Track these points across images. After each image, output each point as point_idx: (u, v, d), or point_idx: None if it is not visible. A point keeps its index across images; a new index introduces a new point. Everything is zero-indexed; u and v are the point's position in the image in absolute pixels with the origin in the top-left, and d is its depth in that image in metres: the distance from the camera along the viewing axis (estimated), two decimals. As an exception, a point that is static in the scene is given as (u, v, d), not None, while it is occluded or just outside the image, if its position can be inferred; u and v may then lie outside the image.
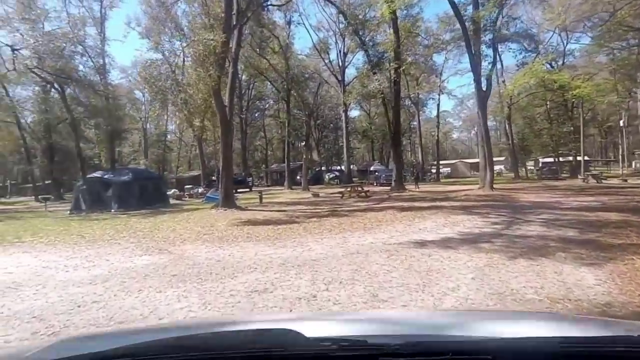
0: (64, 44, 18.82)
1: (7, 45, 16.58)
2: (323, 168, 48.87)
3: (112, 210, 16.87)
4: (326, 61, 36.58)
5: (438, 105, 42.62)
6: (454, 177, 44.11)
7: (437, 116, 43.77)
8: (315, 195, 22.29)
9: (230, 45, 14.87)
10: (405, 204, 15.00)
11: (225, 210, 14.55)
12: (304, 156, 31.10)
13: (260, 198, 18.73)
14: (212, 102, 15.29)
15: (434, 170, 44.40)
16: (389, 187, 24.14)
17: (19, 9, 19.74)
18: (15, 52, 15.12)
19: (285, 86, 30.40)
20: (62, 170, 33.53)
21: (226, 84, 15.58)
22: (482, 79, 19.67)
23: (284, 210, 14.78)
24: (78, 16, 24.01)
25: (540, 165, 38.19)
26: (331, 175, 48.12)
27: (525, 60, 24.42)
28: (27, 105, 32.16)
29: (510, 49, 25.55)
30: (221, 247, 7.93)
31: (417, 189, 22.99)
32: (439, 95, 41.80)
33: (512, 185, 23.45)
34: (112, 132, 27.31)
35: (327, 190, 26.88)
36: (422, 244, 7.28)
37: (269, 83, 37.55)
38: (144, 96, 51.08)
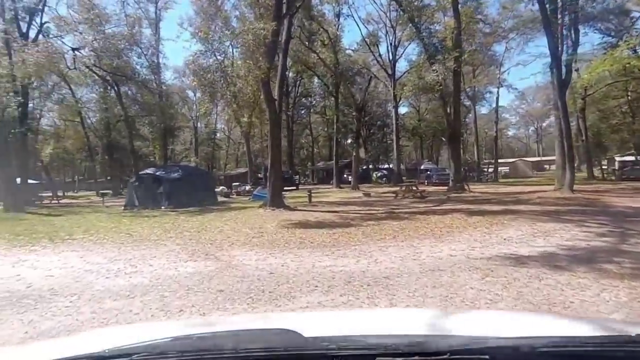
0: (121, 44, 19.16)
1: (70, 47, 17.05)
2: (370, 166, 47.31)
3: (162, 207, 16.81)
4: (376, 55, 35.05)
5: (497, 98, 39.40)
6: (513, 177, 40.58)
7: (496, 111, 40.49)
8: (367, 194, 21.03)
9: (280, 37, 14.10)
10: (473, 207, 13.31)
11: (274, 210, 13.78)
12: (354, 153, 29.86)
13: (309, 197, 17.84)
14: (261, 95, 14.62)
15: (489, 170, 41.21)
16: (445, 187, 22.30)
17: (83, 12, 20.59)
18: (76, 51, 15.45)
19: (334, 81, 29.35)
20: (120, 167, 35.05)
21: (275, 77, 14.82)
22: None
23: (336, 211, 13.72)
24: (135, 17, 24.64)
25: (619, 164, 33.84)
26: (379, 174, 46.49)
27: (608, 45, 21.31)
28: (90, 105, 34.00)
29: (595, 29, 22.39)
30: (272, 254, 7.02)
31: (469, 190, 20.92)
32: (498, 88, 38.58)
33: (592, 187, 20.58)
34: (164, 130, 27.89)
35: (377, 190, 25.49)
36: (518, 260, 5.84)
37: (317, 79, 36.77)
38: (194, 95, 52.88)
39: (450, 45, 19.87)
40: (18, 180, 21.54)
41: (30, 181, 28.92)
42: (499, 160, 44.13)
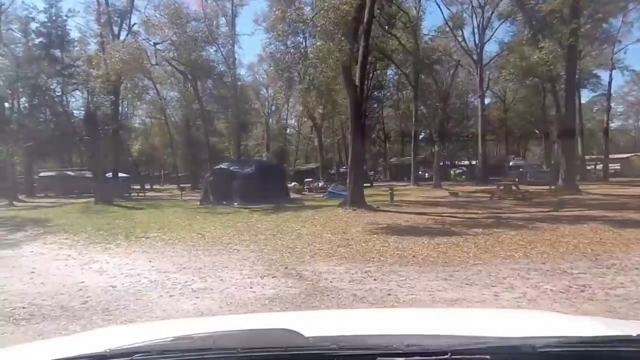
0: (199, 37, 19.15)
1: (152, 43, 17.33)
2: (446, 162, 43.59)
3: (235, 204, 16.28)
4: (459, 39, 31.61)
5: (609, 82, 33.31)
6: (626, 176, 34.02)
7: (608, 98, 34.32)
8: (453, 193, 18.53)
9: (362, 16, 12.47)
10: (610, 214, 10.41)
11: (355, 210, 12.25)
12: (436, 148, 27.16)
13: (391, 196, 16.01)
14: (338, 83, 13.18)
15: (597, 167, 35.20)
16: (542, 188, 18.82)
17: (166, 12, 21.23)
18: (157, 45, 15.55)
19: (414, 69, 26.91)
20: (198, 162, 36.40)
21: (355, 62, 13.21)
22: None
23: (427, 214, 11.76)
24: (212, 13, 24.87)
25: None
26: (457, 171, 42.66)
27: None
28: (172, 103, 35.82)
29: None
30: (368, 272, 5.45)
31: (582, 192, 17.23)
32: (611, 70, 32.56)
33: None
34: (239, 125, 28.02)
35: (461, 188, 22.63)
36: None
37: (390, 70, 34.42)
38: (267, 92, 53.68)
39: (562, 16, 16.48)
40: (109, 174, 22.98)
41: (121, 175, 31.36)
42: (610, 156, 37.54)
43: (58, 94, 31.69)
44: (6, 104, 29.21)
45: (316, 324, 1.38)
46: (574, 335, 1.04)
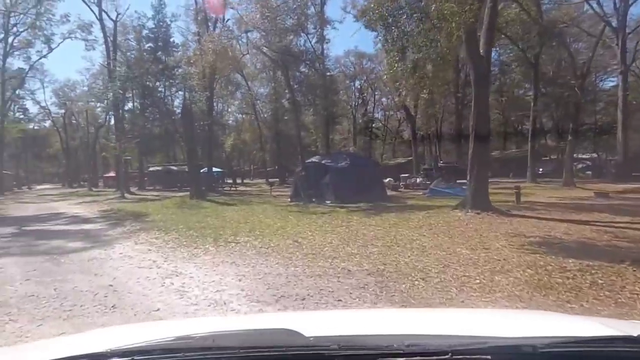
0: (289, 26, 18.10)
1: (244, 31, 16.69)
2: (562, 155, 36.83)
3: (328, 202, 14.76)
4: (593, 4, 25.71)
5: None
6: None
7: None
8: (602, 194, 14.44)
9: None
10: None
11: (479, 214, 9.69)
12: (569, 138, 22.42)
13: (518, 196, 12.90)
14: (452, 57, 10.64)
15: None
16: None
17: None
18: (247, 33, 14.80)
19: (540, 42, 22.47)
20: (286, 156, 36.27)
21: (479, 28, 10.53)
22: None
23: (584, 222, 8.67)
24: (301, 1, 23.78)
25: None
26: (580, 165, 35.84)
27: None
28: (261, 98, 36.18)
29: None
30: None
31: None
32: None
33: None
34: (327, 117, 26.72)
35: (599, 186, 17.92)
36: None
37: (499, 48, 29.78)
38: (354, 84, 51.93)
39: None
40: (204, 169, 23.53)
41: (215, 169, 32.65)
42: None
43: (163, 94, 34.28)
44: (125, 107, 32.44)
45: (316, 324, 1.39)
46: (575, 336, 1.02)
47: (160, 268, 5.81)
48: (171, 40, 36.63)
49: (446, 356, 0.84)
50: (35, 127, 53.50)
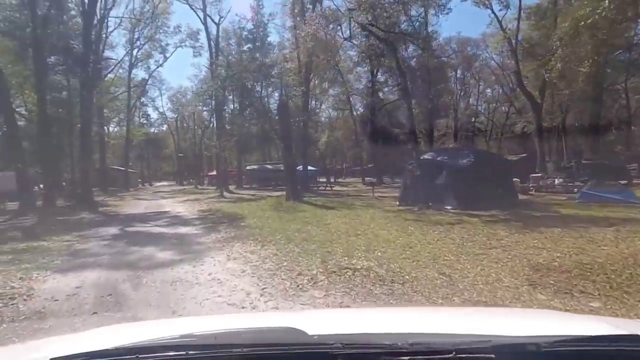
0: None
1: (347, 9, 14.82)
2: None
3: (449, 207, 12.00)
4: None
5: None
6: None
7: None
8: None
9: None
10: None
11: None
12: None
13: None
14: None
15: None
16: None
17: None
18: (352, 11, 12.83)
19: None
20: (383, 154, 33.73)
21: None
22: None
23: None
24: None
25: None
26: None
27: None
28: (357, 93, 34.27)
29: None
30: None
31: None
32: None
33: None
34: (432, 108, 23.54)
35: None
36: None
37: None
38: (455, 74, 46.93)
39: None
40: (299, 167, 22.43)
41: (310, 168, 31.77)
42: None
43: (260, 93, 34.73)
44: (225, 107, 33.66)
45: (320, 322, 1.37)
46: (579, 335, 1.01)
47: (255, 309, 4.06)
48: (268, 39, 37.15)
49: (450, 355, 0.84)
50: (155, 131, 60.16)
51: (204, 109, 51.47)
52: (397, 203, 14.25)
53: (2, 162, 20.44)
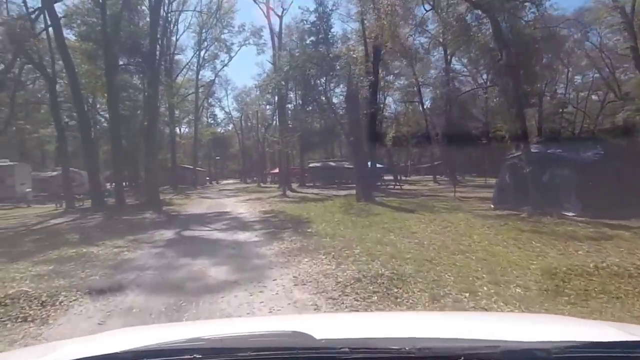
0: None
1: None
2: None
3: (569, 213, 9.30)
4: None
5: None
6: None
7: None
8: None
9: None
10: None
11: None
12: None
13: None
14: None
15: None
16: None
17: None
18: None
19: None
20: (460, 149, 30.38)
21: None
22: None
23: None
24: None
25: None
26: None
27: None
28: (429, 82, 31.36)
29: None
30: None
31: None
32: None
33: None
34: (522, 95, 20.02)
35: None
36: None
37: None
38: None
39: None
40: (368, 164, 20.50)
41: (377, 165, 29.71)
42: None
43: (324, 87, 33.40)
44: (287, 101, 32.85)
45: (327, 326, 1.37)
46: (590, 341, 0.99)
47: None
48: (332, 31, 35.62)
49: None
50: (222, 131, 62.17)
51: (267, 107, 51.78)
52: (492, 206, 11.74)
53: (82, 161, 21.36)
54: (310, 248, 6.85)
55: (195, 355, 0.87)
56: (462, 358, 0.84)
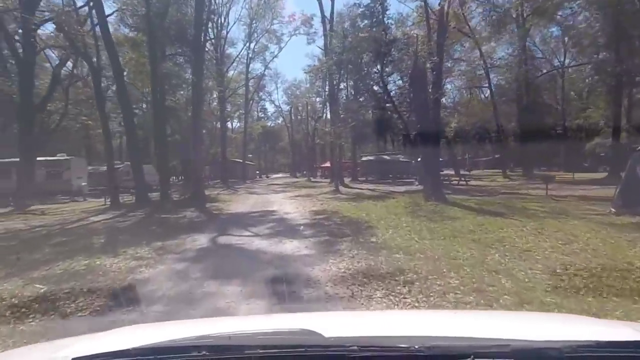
0: None
1: None
2: None
3: None
4: None
5: None
6: None
7: None
8: None
9: None
10: None
11: None
12: None
13: None
14: None
15: None
16: None
17: None
18: None
19: None
20: (532, 139, 26.43)
21: None
22: None
23: None
24: None
25: None
26: None
27: None
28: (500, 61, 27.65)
29: None
30: None
31: None
32: None
33: None
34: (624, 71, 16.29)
35: None
36: None
37: None
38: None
39: None
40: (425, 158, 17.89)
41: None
42: None
43: (379, 73, 30.96)
44: (339, 89, 30.89)
45: (336, 324, 1.35)
46: (603, 340, 0.94)
47: None
48: (387, 13, 32.90)
49: (468, 358, 0.82)
50: (272, 125, 61.82)
51: (317, 99, 50.22)
52: (612, 209, 8.91)
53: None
54: (381, 271, 4.87)
55: (204, 353, 0.87)
56: (472, 357, 0.82)
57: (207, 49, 39.00)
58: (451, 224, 8.14)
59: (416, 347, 0.86)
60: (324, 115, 49.33)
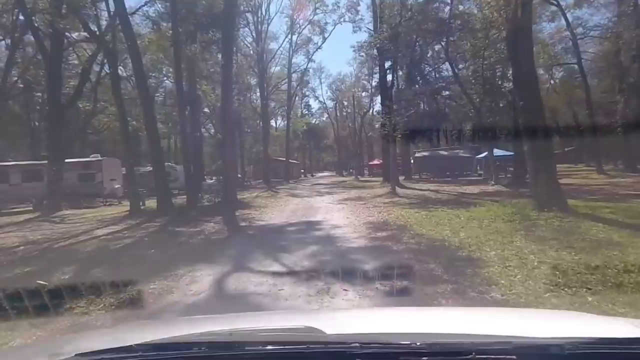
0: None
1: None
2: None
3: None
4: None
5: None
6: None
7: None
8: None
9: None
10: None
11: None
12: None
13: None
14: None
15: None
16: None
17: None
18: None
19: None
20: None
21: None
22: None
23: None
24: None
25: None
26: None
27: None
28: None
29: None
30: None
31: None
32: None
33: None
34: None
35: None
36: None
37: None
38: None
39: None
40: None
41: (499, 152, 22.61)
42: None
43: (435, 57, 27.20)
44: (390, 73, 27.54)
45: (338, 322, 1.37)
46: (604, 337, 0.96)
47: None
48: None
49: (469, 355, 0.82)
50: (316, 121, 59.31)
51: (364, 93, 46.91)
52: None
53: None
54: None
55: (205, 349, 0.88)
56: (474, 353, 0.82)
57: (247, 44, 37.56)
58: (604, 251, 4.71)
59: (417, 344, 0.85)
60: (371, 109, 45.97)
